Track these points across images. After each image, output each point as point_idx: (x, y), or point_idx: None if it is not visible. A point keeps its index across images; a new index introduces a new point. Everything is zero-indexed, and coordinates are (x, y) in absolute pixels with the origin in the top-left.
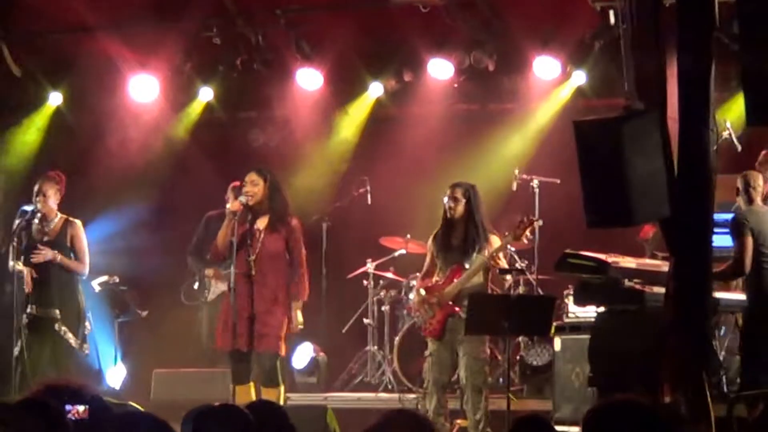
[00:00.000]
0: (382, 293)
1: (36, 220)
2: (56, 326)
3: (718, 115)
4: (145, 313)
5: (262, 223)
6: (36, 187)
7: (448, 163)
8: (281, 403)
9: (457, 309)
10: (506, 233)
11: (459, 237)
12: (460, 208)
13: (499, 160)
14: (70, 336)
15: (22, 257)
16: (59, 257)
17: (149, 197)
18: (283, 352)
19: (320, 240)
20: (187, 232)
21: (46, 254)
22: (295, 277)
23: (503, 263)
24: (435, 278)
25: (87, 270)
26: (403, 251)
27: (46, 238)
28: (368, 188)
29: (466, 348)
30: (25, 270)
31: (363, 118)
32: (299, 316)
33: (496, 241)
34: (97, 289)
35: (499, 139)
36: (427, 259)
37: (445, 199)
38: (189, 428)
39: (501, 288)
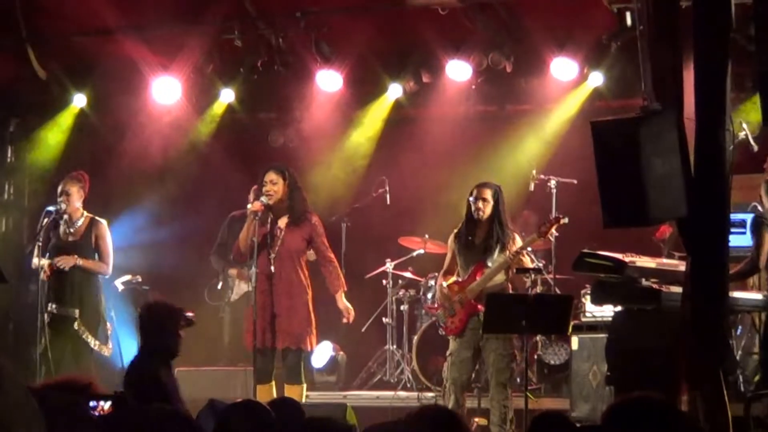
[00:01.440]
0: (401, 293)
1: (62, 221)
2: (75, 325)
3: (734, 116)
4: None
5: (282, 221)
6: (60, 188)
7: (466, 164)
8: (302, 401)
9: (480, 307)
10: (523, 233)
11: (482, 236)
12: (489, 209)
13: (516, 161)
14: (88, 336)
15: (47, 255)
16: (80, 261)
17: (172, 198)
18: (310, 347)
19: (340, 240)
20: (210, 232)
21: (68, 261)
22: (328, 271)
23: (527, 260)
24: (455, 277)
25: (110, 270)
26: (422, 251)
27: (71, 239)
28: (387, 189)
29: (492, 345)
30: (45, 262)
31: (382, 120)
32: (347, 304)
33: (519, 240)
34: (120, 288)
35: (517, 140)
36: (448, 258)
37: (472, 199)
38: (209, 423)
39: (521, 287)
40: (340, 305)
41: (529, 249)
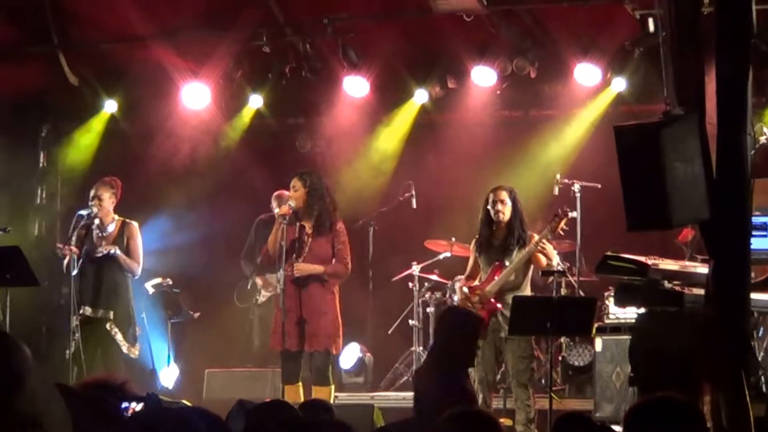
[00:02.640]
0: (427, 295)
1: (95, 227)
2: (107, 326)
3: (755, 120)
4: (197, 315)
5: (308, 227)
6: (92, 192)
7: (491, 168)
8: (331, 401)
9: (499, 306)
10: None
11: (500, 236)
12: (508, 210)
13: (540, 165)
14: (120, 337)
15: (81, 260)
16: (118, 251)
17: (201, 201)
18: (336, 350)
19: (366, 243)
20: (238, 235)
21: (107, 247)
22: (337, 264)
23: (549, 248)
24: (477, 281)
25: (139, 270)
26: (448, 254)
27: (104, 243)
28: (413, 193)
29: (510, 346)
30: (68, 251)
31: (408, 125)
32: (302, 266)
33: (535, 237)
34: (151, 291)
35: (541, 145)
36: (471, 261)
37: (490, 204)
38: (238, 423)
39: (543, 287)
40: (299, 265)
41: (550, 245)
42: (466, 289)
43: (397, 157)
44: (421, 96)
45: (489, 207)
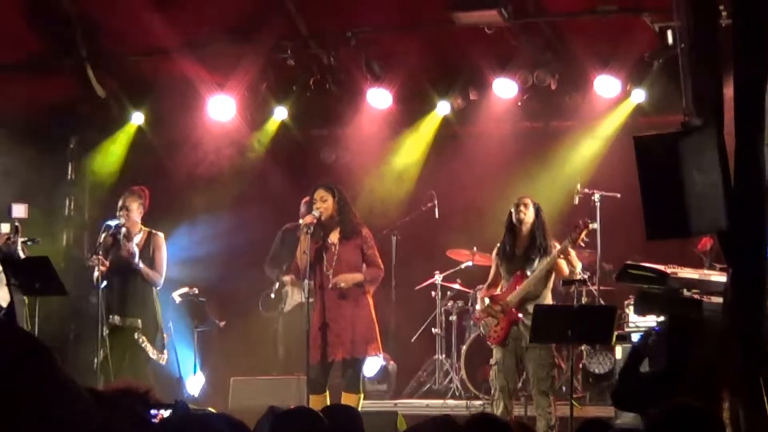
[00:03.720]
0: (450, 304)
1: (121, 237)
2: (136, 335)
3: None
4: (223, 324)
5: (334, 236)
6: (120, 203)
7: (512, 179)
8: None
9: (520, 316)
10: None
11: (523, 246)
12: (530, 216)
13: (561, 175)
14: (148, 345)
15: (109, 271)
16: (141, 264)
17: (227, 212)
18: (374, 352)
19: (390, 252)
20: (263, 245)
21: (131, 248)
22: (371, 268)
23: (573, 255)
24: (499, 290)
25: (161, 281)
26: (470, 263)
27: (127, 252)
28: (436, 203)
29: (531, 355)
30: (96, 261)
31: (431, 136)
32: (344, 278)
33: (556, 247)
34: (178, 300)
35: (562, 155)
36: (492, 270)
37: (513, 209)
38: (264, 430)
39: (564, 296)
40: (345, 277)
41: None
42: (487, 300)
43: (420, 168)
44: (443, 107)
45: (512, 210)
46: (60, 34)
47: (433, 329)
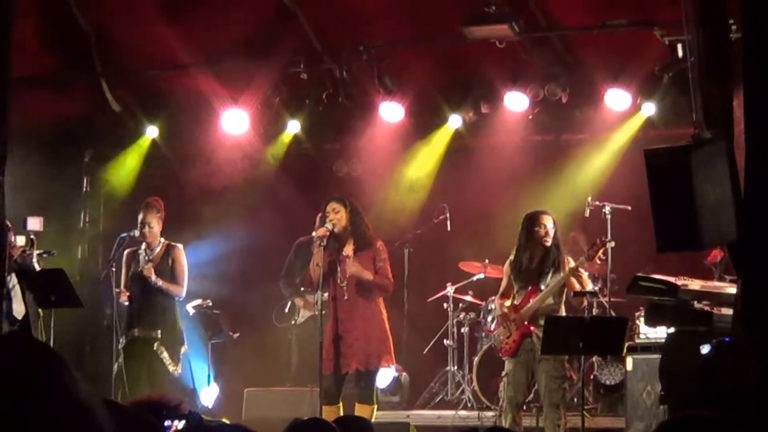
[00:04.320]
0: (462, 315)
1: (141, 250)
2: (155, 346)
3: None
4: (236, 335)
5: (348, 249)
6: (140, 218)
7: (523, 191)
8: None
9: (532, 329)
10: (571, 253)
11: (537, 260)
12: (551, 236)
13: (572, 188)
14: (166, 356)
15: (130, 284)
16: (159, 282)
17: (240, 224)
18: (388, 363)
19: (402, 265)
20: (277, 257)
21: (150, 273)
22: (381, 277)
23: (585, 276)
24: (510, 300)
25: (184, 292)
26: (482, 275)
27: (150, 265)
28: (448, 215)
29: (544, 367)
30: (123, 294)
31: (442, 149)
32: (355, 267)
33: (570, 263)
34: (192, 312)
35: (573, 168)
36: (504, 282)
37: (539, 226)
38: None
39: (577, 308)
40: (353, 266)
41: (586, 273)
42: (506, 307)
43: (432, 181)
44: (455, 121)
45: (537, 229)
46: (76, 48)
47: (445, 341)
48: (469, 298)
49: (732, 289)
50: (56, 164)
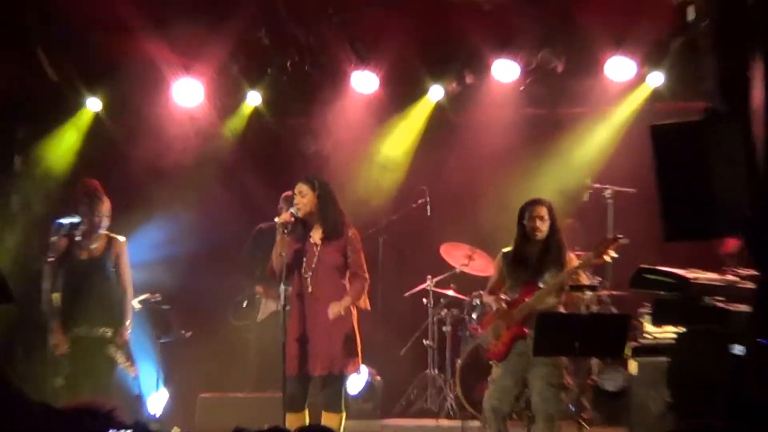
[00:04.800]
0: (443, 312)
1: (77, 236)
2: (106, 345)
3: None
4: (188, 334)
5: (317, 235)
6: (91, 206)
7: (513, 172)
8: (340, 430)
9: (526, 330)
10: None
11: (535, 255)
12: (546, 227)
13: (569, 169)
14: (122, 358)
15: (62, 278)
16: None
17: (194, 208)
18: (353, 370)
19: (376, 255)
20: (234, 246)
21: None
22: (355, 283)
23: (584, 278)
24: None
25: (131, 291)
26: (466, 262)
27: (86, 256)
28: (427, 199)
29: (540, 372)
30: (54, 297)
31: (422, 124)
32: (336, 308)
33: (573, 259)
34: (138, 307)
35: (569, 146)
36: (496, 275)
37: (527, 218)
38: None
39: (577, 307)
40: (336, 308)
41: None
42: (504, 301)
43: (410, 160)
44: (436, 92)
45: (525, 222)
46: (5, 9)
47: (424, 341)
48: (451, 292)
49: (748, 283)
50: None
